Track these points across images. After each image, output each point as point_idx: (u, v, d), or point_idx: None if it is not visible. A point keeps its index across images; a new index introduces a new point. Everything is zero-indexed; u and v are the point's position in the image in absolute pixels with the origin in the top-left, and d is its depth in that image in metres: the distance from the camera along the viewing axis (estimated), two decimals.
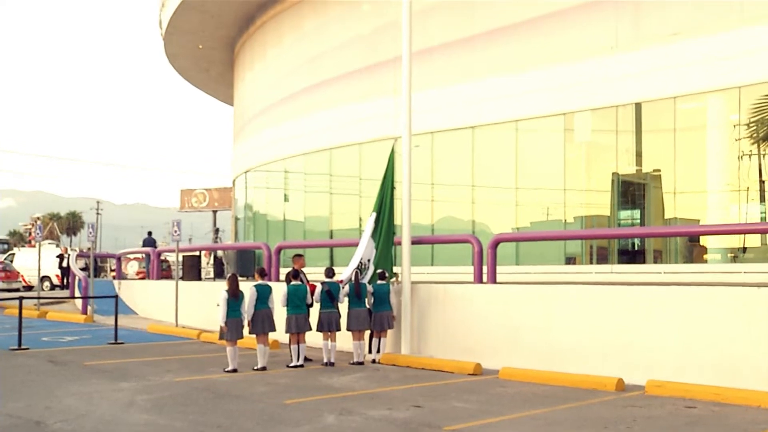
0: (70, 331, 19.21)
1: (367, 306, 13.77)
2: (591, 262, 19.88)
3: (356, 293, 13.58)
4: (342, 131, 26.33)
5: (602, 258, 19.83)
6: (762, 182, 17.14)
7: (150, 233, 31.60)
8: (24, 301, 16.96)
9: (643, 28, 18.73)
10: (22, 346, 15.27)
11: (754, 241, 17.44)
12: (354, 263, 14.24)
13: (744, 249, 17.52)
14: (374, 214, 14.81)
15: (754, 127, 10.19)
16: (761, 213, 17.18)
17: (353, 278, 13.72)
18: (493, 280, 13.97)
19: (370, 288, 13.79)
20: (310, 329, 13.38)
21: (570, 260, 20.34)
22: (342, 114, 26.38)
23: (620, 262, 19.37)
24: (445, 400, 10.16)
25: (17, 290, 32.05)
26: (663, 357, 10.99)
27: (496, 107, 21.39)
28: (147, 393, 10.55)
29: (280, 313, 13.34)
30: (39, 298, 24.67)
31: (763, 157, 16.76)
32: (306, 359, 13.40)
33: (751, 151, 16.70)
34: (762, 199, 17.27)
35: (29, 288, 33.78)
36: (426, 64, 21.24)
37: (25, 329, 15.97)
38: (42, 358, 14.16)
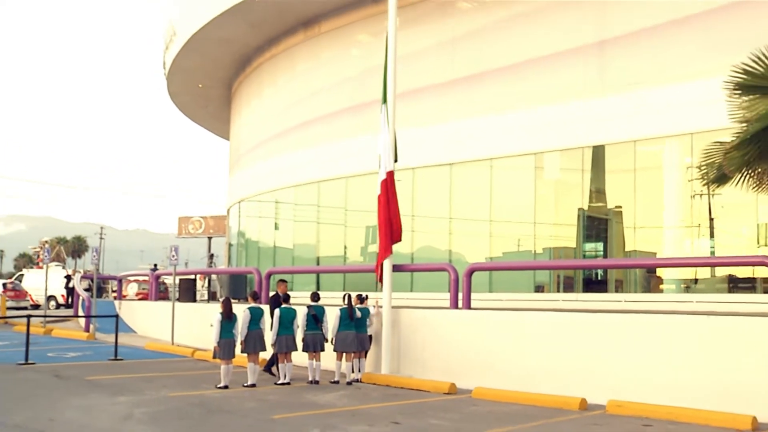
0: (74, 347, 19.05)
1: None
2: (558, 291, 20.00)
3: (349, 316, 13.54)
4: (330, 165, 26.42)
5: (568, 287, 19.96)
6: (711, 220, 17.43)
7: (155, 265, 31.32)
8: (31, 319, 16.84)
9: (608, 76, 19.05)
10: (29, 361, 15.15)
11: (704, 273, 17.67)
12: (390, 150, 14.23)
13: (696, 280, 17.75)
14: (384, 106, 14.54)
15: (705, 170, 10.39)
16: (711, 248, 17.45)
17: (346, 301, 13.68)
18: (467, 305, 14.02)
19: (358, 314, 13.70)
20: (296, 349, 13.36)
21: (539, 288, 20.46)
22: (330, 149, 26.51)
23: (585, 290, 19.49)
24: (422, 417, 10.17)
25: (25, 308, 31.81)
26: (623, 379, 11.07)
27: (472, 146, 21.59)
28: (144, 406, 10.49)
29: (267, 334, 13.31)
30: (45, 316, 24.48)
31: (713, 197, 17.07)
32: None
33: (702, 191, 16.99)
34: (711, 235, 17.54)
35: (36, 306, 33.49)
36: (409, 105, 21.43)
37: (32, 345, 15.86)
38: (47, 372, 14.04)
